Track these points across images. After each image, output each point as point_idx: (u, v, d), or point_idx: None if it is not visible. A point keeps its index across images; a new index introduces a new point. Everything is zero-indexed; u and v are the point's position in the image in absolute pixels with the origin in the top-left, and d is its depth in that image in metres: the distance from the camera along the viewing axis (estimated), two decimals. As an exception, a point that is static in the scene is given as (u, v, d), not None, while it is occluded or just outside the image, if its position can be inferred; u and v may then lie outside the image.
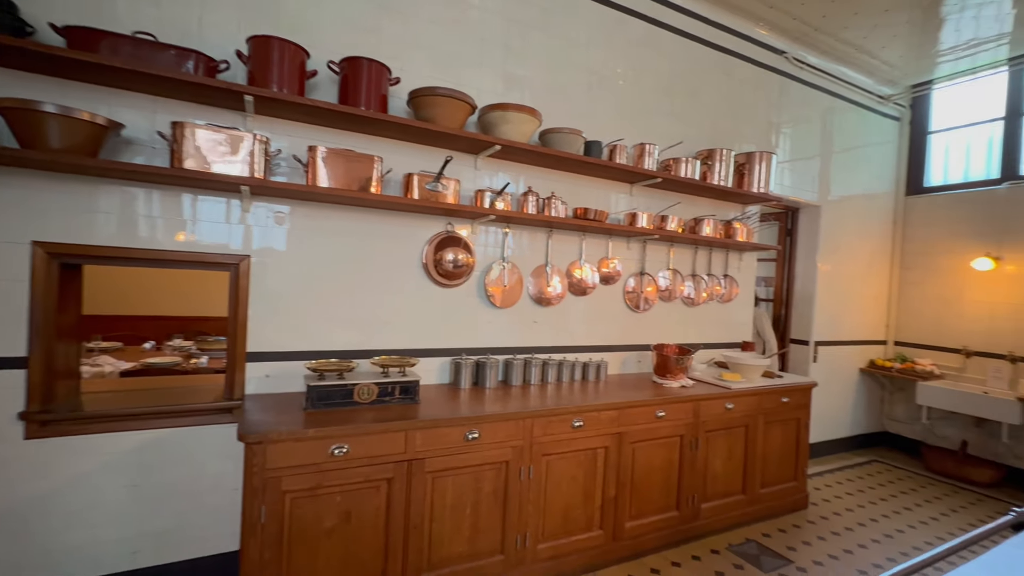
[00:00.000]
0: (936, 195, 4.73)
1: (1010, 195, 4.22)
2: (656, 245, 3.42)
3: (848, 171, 4.54)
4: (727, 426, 3.00)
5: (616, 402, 2.54)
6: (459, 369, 2.64)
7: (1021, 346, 4.10)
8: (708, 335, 3.74)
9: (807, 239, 4.44)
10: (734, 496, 3.06)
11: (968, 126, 4.62)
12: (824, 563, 2.73)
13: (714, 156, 3.34)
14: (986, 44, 4.08)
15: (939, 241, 4.65)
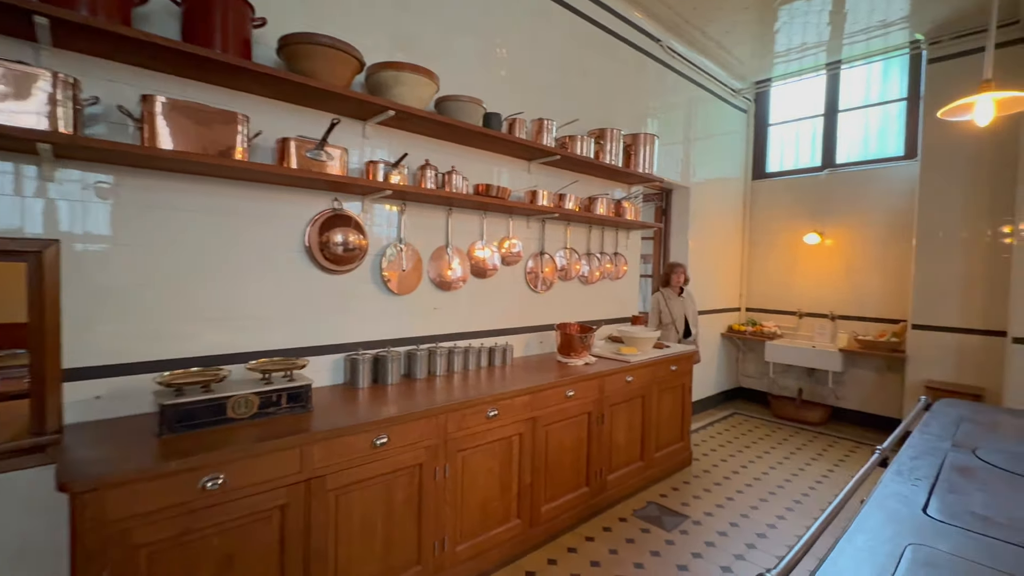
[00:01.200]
0: (775, 180, 5.46)
1: (829, 181, 5.02)
2: (554, 224, 3.40)
3: (708, 157, 5.01)
4: (628, 398, 3.12)
5: (529, 387, 2.46)
6: (356, 366, 2.32)
7: (839, 306, 4.95)
8: (603, 311, 3.86)
9: (679, 218, 4.82)
10: (635, 464, 3.22)
11: (797, 120, 5.38)
12: (713, 513, 3.00)
13: (605, 136, 3.39)
14: (810, 50, 4.75)
15: (778, 220, 5.39)
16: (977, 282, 3.98)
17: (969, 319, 4.01)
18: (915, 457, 1.82)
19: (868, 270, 4.78)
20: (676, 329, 4.03)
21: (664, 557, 2.51)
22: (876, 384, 4.69)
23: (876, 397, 4.69)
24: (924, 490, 1.54)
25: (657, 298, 4.15)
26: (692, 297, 4.19)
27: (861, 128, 4.94)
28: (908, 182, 4.50)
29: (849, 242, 4.89)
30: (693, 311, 4.14)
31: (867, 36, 4.43)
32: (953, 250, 4.09)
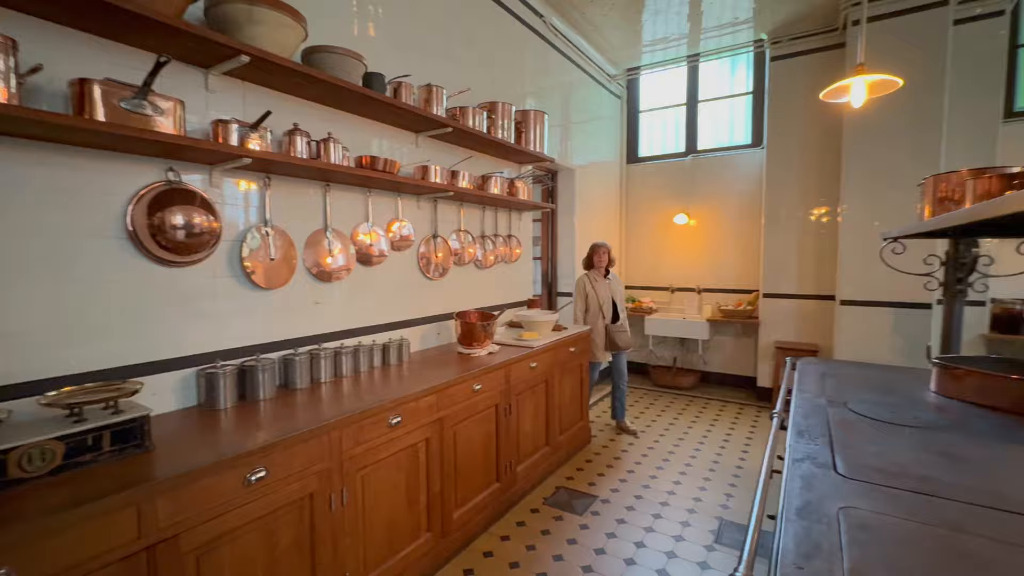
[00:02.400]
0: (647, 164, 5.80)
1: (693, 166, 5.46)
2: (447, 204, 3.12)
3: (589, 140, 5.11)
4: (533, 385, 3.01)
5: (435, 385, 2.19)
6: (214, 382, 1.83)
7: (704, 280, 5.45)
8: (500, 296, 3.70)
9: (565, 200, 4.84)
10: (541, 450, 3.14)
11: (664, 108, 5.75)
12: (619, 488, 3.05)
13: (497, 110, 3.19)
14: (672, 43, 5.06)
15: (651, 201, 5.74)
16: (811, 255, 4.64)
17: (806, 287, 4.67)
18: (806, 416, 1.96)
19: (727, 247, 5.32)
20: (603, 313, 3.85)
21: (581, 543, 2.46)
22: (735, 348, 5.28)
23: (736, 359, 5.28)
24: (826, 449, 1.63)
25: (582, 281, 3.98)
26: (618, 279, 4.06)
27: (718, 118, 5.44)
28: (757, 167, 5.07)
29: (711, 222, 5.39)
30: (620, 294, 4.01)
31: (719, 33, 4.84)
32: (793, 227, 4.71)
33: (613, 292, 3.91)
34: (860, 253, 4.03)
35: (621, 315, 3.93)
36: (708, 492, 2.98)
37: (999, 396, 2.04)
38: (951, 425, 1.84)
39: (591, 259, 3.93)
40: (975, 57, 3.81)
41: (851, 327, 4.07)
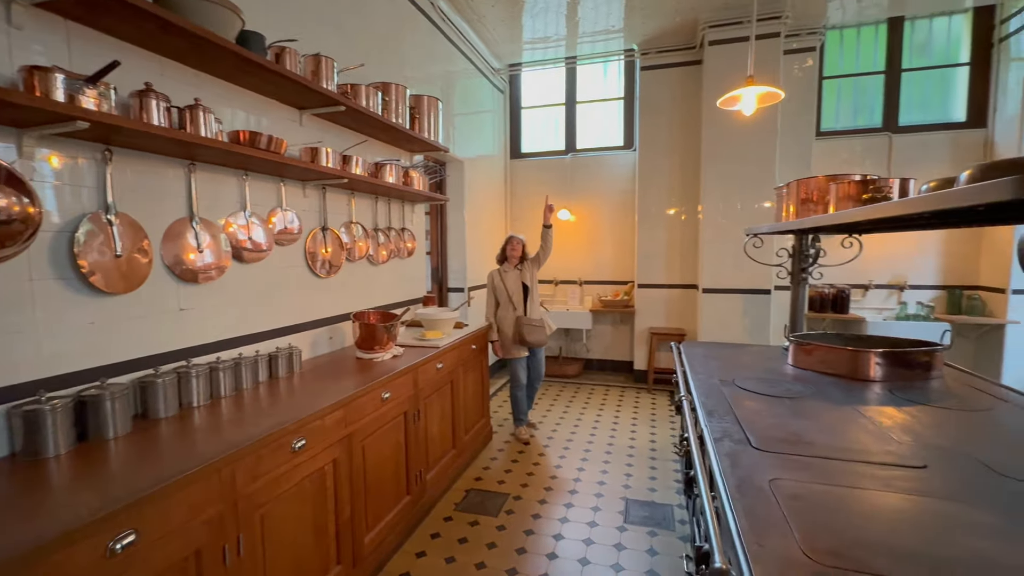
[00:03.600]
0: (530, 160, 5.92)
1: (574, 164, 5.72)
2: (337, 193, 2.79)
3: (476, 132, 5.04)
4: (439, 387, 2.85)
5: (342, 398, 1.92)
6: (35, 423, 1.36)
7: (585, 273, 5.76)
8: (396, 294, 3.44)
9: (455, 193, 4.71)
10: (448, 454, 3.00)
11: (545, 107, 5.92)
12: (528, 482, 3.05)
13: (391, 92, 2.93)
14: (552, 43, 5.21)
15: (533, 197, 5.88)
16: (677, 249, 5.18)
17: (673, 277, 5.20)
18: (708, 396, 2.14)
19: (605, 241, 5.69)
20: (514, 304, 3.72)
21: (501, 546, 2.39)
22: (614, 335, 5.69)
23: (614, 346, 5.70)
24: (736, 425, 1.79)
25: (492, 276, 3.83)
26: (532, 267, 3.82)
27: (595, 119, 5.77)
28: (630, 168, 5.50)
29: (590, 218, 5.71)
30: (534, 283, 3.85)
31: (594, 39, 5.11)
32: (662, 224, 5.20)
33: (524, 276, 3.76)
34: (717, 247, 4.60)
35: (531, 307, 3.76)
36: (610, 474, 3.14)
37: (841, 365, 2.44)
38: (814, 393, 2.15)
39: (504, 252, 3.81)
40: (796, 83, 4.58)
41: (711, 312, 4.64)
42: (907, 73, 4.68)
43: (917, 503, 1.22)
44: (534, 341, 3.68)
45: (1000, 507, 1.20)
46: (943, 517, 1.16)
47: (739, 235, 4.49)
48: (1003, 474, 1.39)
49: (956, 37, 4.59)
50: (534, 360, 3.82)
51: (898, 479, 1.35)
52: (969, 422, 1.80)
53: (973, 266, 4.58)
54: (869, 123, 4.81)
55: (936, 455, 1.49)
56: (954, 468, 1.41)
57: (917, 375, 2.37)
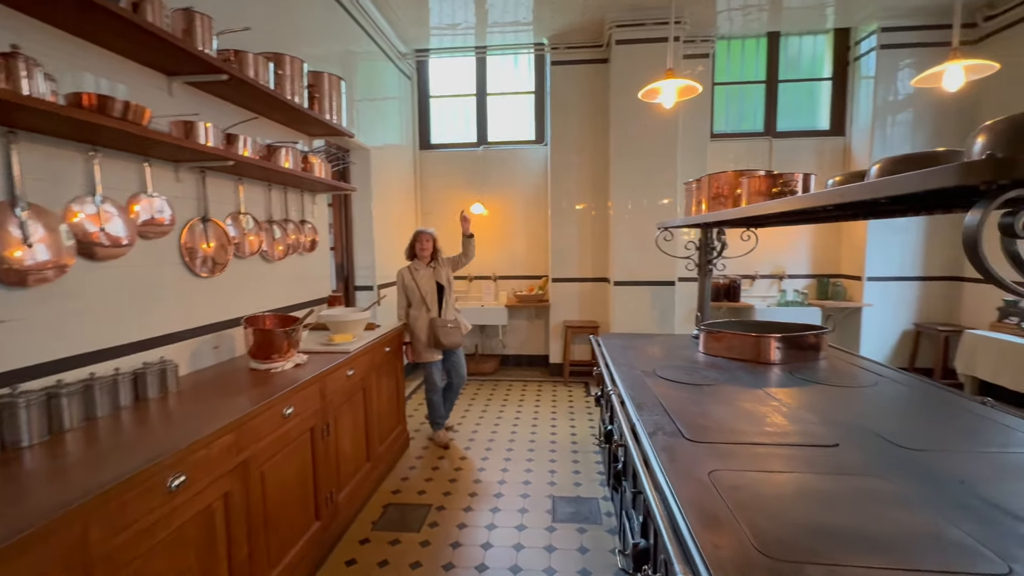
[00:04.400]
0: (440, 151, 5.69)
1: (485, 156, 5.60)
2: (220, 179, 2.39)
3: (383, 119, 4.72)
4: (350, 396, 2.58)
5: (233, 420, 1.62)
6: None
7: (499, 268, 5.68)
8: (296, 294, 3.08)
9: (361, 184, 4.36)
10: (362, 469, 2.74)
11: (455, 96, 5.72)
12: (451, 490, 2.89)
13: (285, 64, 2.58)
14: (460, 31, 5.04)
15: (447, 189, 5.67)
16: (589, 243, 5.29)
17: (585, 271, 5.31)
18: (634, 388, 2.14)
19: (518, 235, 5.65)
20: (428, 305, 3.48)
21: (427, 565, 2.21)
22: (529, 330, 5.69)
23: (530, 340, 5.70)
24: (666, 417, 1.79)
25: (402, 274, 3.55)
26: (447, 265, 3.66)
27: (507, 112, 5.69)
28: (542, 162, 5.51)
29: (503, 212, 5.64)
30: (448, 272, 3.65)
31: (503, 30, 5.03)
32: (574, 218, 5.28)
33: (438, 275, 3.54)
34: (626, 241, 4.76)
35: (447, 307, 3.58)
36: (534, 472, 3.08)
37: (746, 350, 2.59)
38: (728, 378, 2.25)
39: (413, 248, 3.57)
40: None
41: (622, 304, 4.80)
42: (783, 84, 5.20)
43: (840, 482, 1.27)
44: (450, 344, 3.49)
45: (903, 476, 1.29)
46: (864, 493, 1.22)
47: (646, 229, 4.68)
48: (898, 444, 1.51)
49: (820, 55, 5.18)
50: (452, 362, 3.62)
51: (818, 459, 1.41)
52: (860, 398, 1.98)
53: (836, 257, 5.23)
54: (753, 128, 5.28)
55: (843, 432, 1.59)
56: (859, 444, 1.51)
57: (809, 356, 2.59)
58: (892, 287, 4.83)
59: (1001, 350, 3.45)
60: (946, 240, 4.75)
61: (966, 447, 1.49)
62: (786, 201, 1.25)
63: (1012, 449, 1.47)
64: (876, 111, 4.70)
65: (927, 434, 1.60)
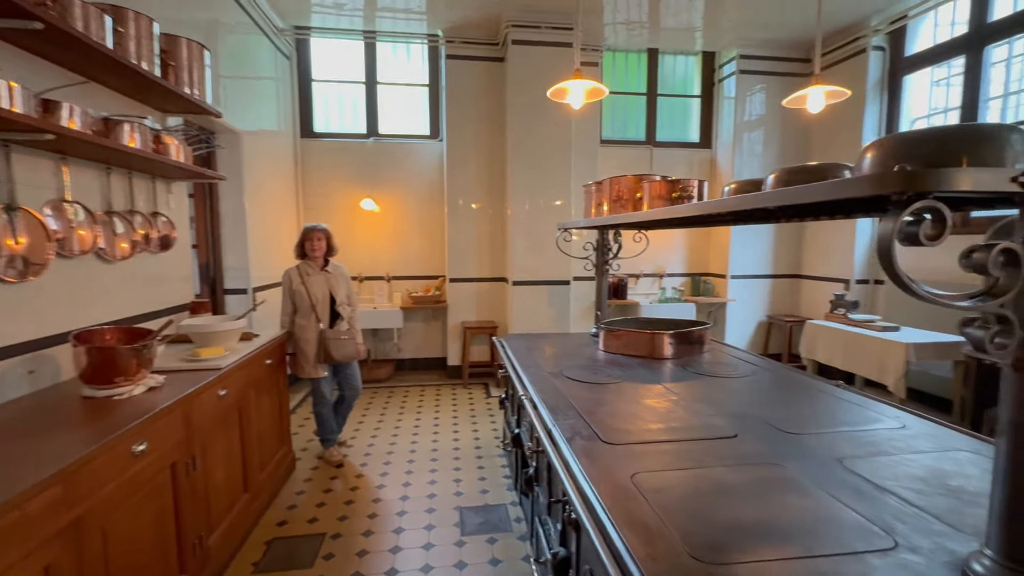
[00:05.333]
0: (325, 141, 5.23)
1: (376, 149, 5.26)
2: (35, 156, 1.87)
3: (257, 101, 4.19)
4: (223, 419, 2.20)
5: (57, 471, 1.24)
6: None
7: (392, 268, 5.39)
8: (145, 302, 2.56)
9: (231, 172, 3.80)
10: (240, 502, 2.36)
11: (341, 82, 5.29)
12: (347, 514, 2.62)
13: (127, 20, 2.11)
14: (346, 11, 4.67)
15: (332, 182, 5.23)
16: (487, 242, 5.23)
17: (483, 271, 5.25)
18: (544, 391, 2.11)
19: (412, 233, 5.41)
20: (318, 315, 3.10)
21: (322, 604, 1.96)
22: (426, 332, 5.48)
23: (427, 343, 5.49)
24: (581, 420, 1.78)
25: (289, 275, 3.12)
26: (343, 272, 3.32)
27: (398, 103, 5.40)
28: (437, 158, 5.32)
29: (396, 208, 5.35)
30: (345, 289, 3.29)
31: (394, 16, 4.76)
32: (471, 217, 5.19)
33: (333, 288, 3.19)
34: (524, 241, 4.79)
35: (344, 313, 3.24)
36: (439, 483, 2.93)
37: (642, 347, 2.71)
38: (629, 376, 2.33)
39: (303, 246, 3.16)
40: (584, 93, 5.05)
41: (521, 304, 4.82)
42: (661, 97, 5.64)
43: (745, 473, 1.34)
44: (343, 357, 3.17)
45: (793, 461, 1.41)
46: (768, 482, 1.29)
47: (543, 229, 4.76)
48: (783, 430, 1.66)
49: (691, 74, 5.71)
50: (345, 374, 3.30)
51: (723, 451, 1.49)
52: (743, 387, 2.16)
53: (705, 257, 5.82)
54: (636, 136, 5.65)
55: (738, 423, 1.71)
56: (753, 432, 1.63)
57: (695, 350, 2.80)
58: (750, 284, 5.51)
59: (833, 336, 4.09)
60: (789, 244, 5.53)
61: (833, 427, 1.68)
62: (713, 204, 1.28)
63: (865, 426, 1.69)
64: (737, 128, 5.30)
65: (802, 418, 1.78)
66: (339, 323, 3.22)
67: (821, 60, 5.15)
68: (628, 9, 4.52)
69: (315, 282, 3.14)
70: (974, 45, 3.96)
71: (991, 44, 3.86)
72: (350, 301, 3.34)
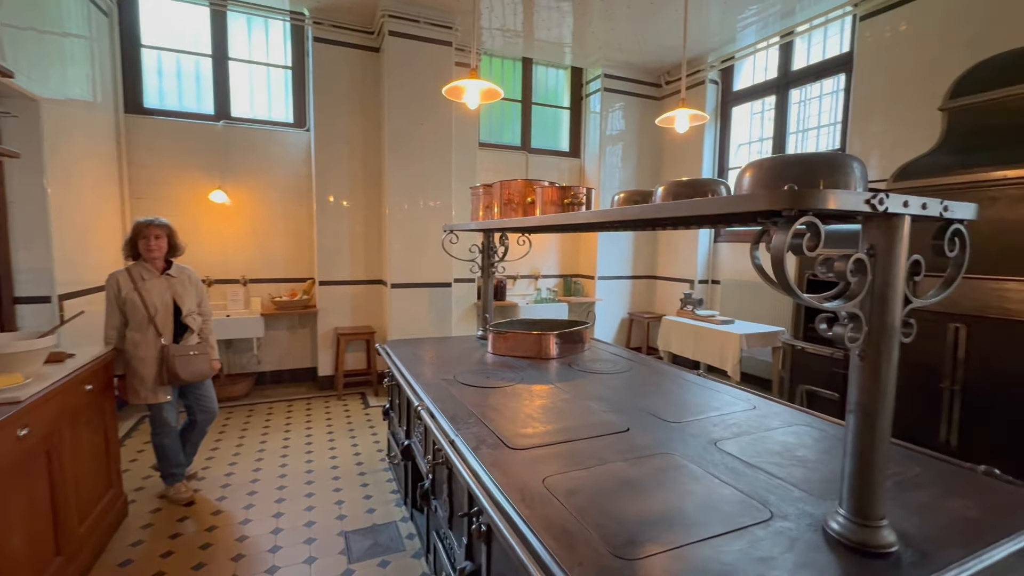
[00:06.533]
0: (160, 119, 4.42)
1: (227, 134, 4.60)
2: None
3: (61, 62, 3.37)
4: (21, 465, 1.71)
5: None
6: None
7: (250, 270, 4.77)
8: None
9: (26, 147, 2.98)
10: (50, 569, 1.85)
11: (181, 52, 4.52)
12: (205, 561, 2.22)
13: None
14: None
15: (171, 170, 4.44)
16: (361, 242, 4.91)
17: (358, 273, 4.92)
18: (441, 400, 2.03)
19: (274, 232, 4.84)
20: (158, 328, 2.57)
21: (178, 676, 1.63)
22: (292, 341, 4.95)
23: (293, 353, 4.97)
24: (484, 427, 1.74)
25: (117, 281, 2.54)
26: (191, 276, 2.79)
27: (255, 84, 4.79)
28: (304, 149, 4.84)
29: (254, 203, 4.75)
30: (195, 297, 2.77)
31: (251, -14, 4.25)
32: (344, 215, 4.82)
33: (178, 295, 2.69)
34: (404, 242, 4.60)
35: (194, 325, 2.78)
36: (318, 509, 2.65)
37: (530, 348, 2.79)
38: (522, 377, 2.37)
39: (134, 245, 2.61)
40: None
41: (400, 307, 4.62)
42: (536, 106, 5.88)
43: (644, 465, 1.44)
44: (194, 376, 2.70)
45: (680, 448, 1.56)
46: (664, 472, 1.40)
47: (424, 230, 4.63)
48: (665, 419, 1.82)
49: (562, 87, 6.05)
50: (197, 395, 2.82)
51: (620, 445, 1.58)
52: (625, 382, 2.33)
53: (575, 260, 6.21)
54: (512, 141, 5.81)
55: (628, 417, 1.83)
56: (642, 425, 1.76)
57: (578, 348, 2.95)
58: (614, 284, 6.02)
59: (684, 330, 4.67)
60: (646, 249, 6.17)
61: (704, 413, 1.89)
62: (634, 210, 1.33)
63: (727, 411, 1.93)
64: (602, 141, 5.76)
65: (678, 406, 1.97)
66: (188, 336, 2.74)
67: (670, 87, 5.85)
68: (504, 16, 4.61)
69: (153, 288, 2.62)
70: (781, 87, 4.84)
71: (793, 88, 4.76)
72: (201, 310, 2.86)
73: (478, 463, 1.45)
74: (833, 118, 4.38)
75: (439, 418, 1.84)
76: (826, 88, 4.47)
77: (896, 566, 0.99)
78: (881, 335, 1.00)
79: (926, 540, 1.07)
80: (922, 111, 3.27)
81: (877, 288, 0.99)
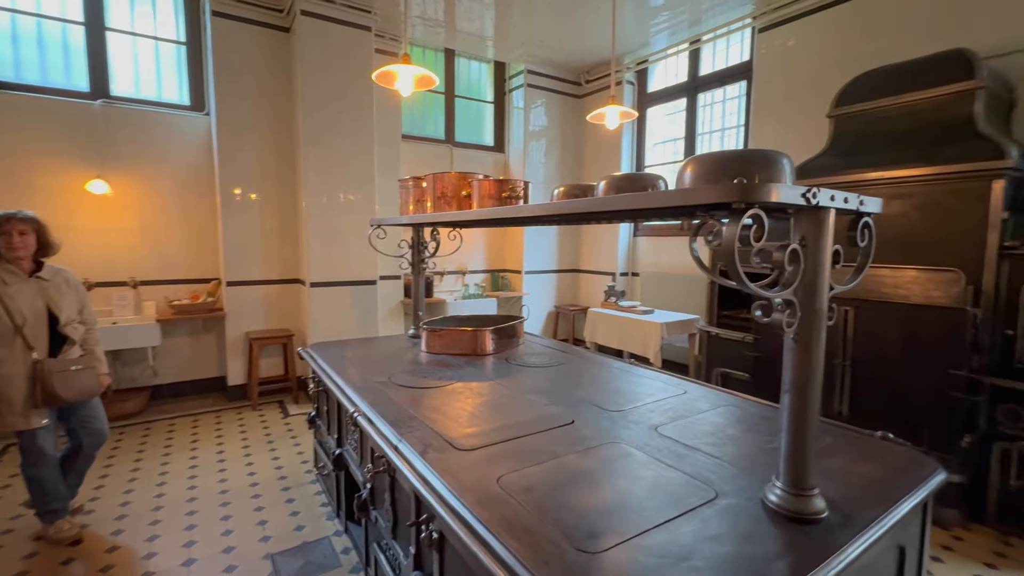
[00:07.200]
0: (16, 95, 3.75)
1: (107, 115, 4.01)
2: None
3: None
4: None
5: None
6: None
7: (144, 271, 4.22)
8: None
9: None
10: None
11: (38, 16, 3.86)
12: (98, 605, 1.92)
13: None
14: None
15: (34, 155, 3.79)
16: (274, 239, 4.52)
17: (271, 272, 4.53)
18: (378, 404, 1.92)
19: (170, 228, 4.32)
20: (27, 341, 2.17)
21: None
22: (195, 348, 4.46)
23: (196, 362, 4.48)
24: (429, 431, 1.67)
25: None
26: (70, 278, 2.39)
27: (142, 59, 4.22)
28: (203, 136, 4.36)
29: (143, 195, 4.19)
30: (75, 303, 2.37)
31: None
32: (254, 210, 4.41)
33: (53, 301, 2.31)
34: (323, 238, 4.31)
35: (75, 336, 2.40)
36: (237, 532, 2.40)
37: (465, 344, 2.74)
38: (460, 375, 2.32)
39: None
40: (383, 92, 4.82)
41: (321, 307, 4.33)
42: (459, 99, 5.78)
43: (592, 456, 1.46)
44: (78, 394, 2.33)
45: (625, 436, 1.60)
46: (612, 461, 1.43)
47: (345, 225, 4.37)
48: (607, 409, 1.86)
49: (485, 81, 6.01)
50: (83, 416, 2.43)
51: (568, 437, 1.59)
52: (562, 374, 2.35)
53: (502, 255, 6.22)
54: (435, 134, 5.67)
55: (572, 410, 1.85)
56: (586, 416, 1.78)
57: (513, 343, 2.95)
58: (540, 278, 6.12)
59: (608, 321, 4.86)
60: (570, 243, 6.34)
61: (641, 401, 1.96)
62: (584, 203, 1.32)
63: (662, 396, 2.02)
64: (526, 136, 5.80)
65: (616, 395, 2.03)
66: (68, 349, 2.35)
67: (590, 86, 6.02)
68: (424, 3, 4.47)
69: (20, 294, 2.21)
70: (691, 91, 5.18)
71: (701, 92, 5.11)
72: (84, 318, 2.47)
73: (427, 468, 1.39)
74: (738, 121, 4.77)
75: (378, 424, 1.74)
76: (730, 93, 4.85)
77: (828, 530, 1.08)
78: (812, 319, 1.08)
79: (847, 503, 1.18)
80: (813, 117, 3.65)
81: (808, 276, 1.07)
